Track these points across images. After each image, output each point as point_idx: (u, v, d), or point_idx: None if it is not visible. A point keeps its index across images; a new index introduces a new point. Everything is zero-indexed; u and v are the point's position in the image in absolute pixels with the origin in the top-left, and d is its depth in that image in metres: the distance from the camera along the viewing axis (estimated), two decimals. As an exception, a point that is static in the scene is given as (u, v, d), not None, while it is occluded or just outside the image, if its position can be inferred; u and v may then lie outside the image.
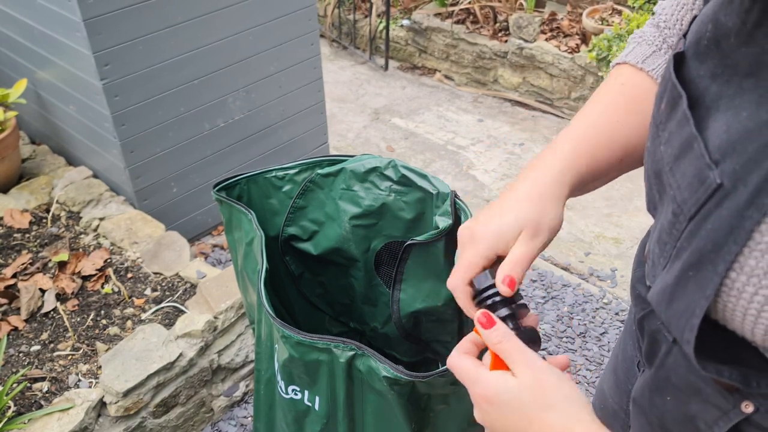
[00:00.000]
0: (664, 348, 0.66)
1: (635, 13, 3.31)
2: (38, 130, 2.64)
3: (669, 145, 0.54)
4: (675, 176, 0.53)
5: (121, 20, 1.96)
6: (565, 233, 2.71)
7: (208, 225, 2.57)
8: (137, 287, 1.95)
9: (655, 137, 0.57)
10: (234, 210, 1.01)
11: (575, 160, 0.69)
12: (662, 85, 0.57)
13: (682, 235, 0.52)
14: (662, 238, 0.57)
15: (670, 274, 0.54)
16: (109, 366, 1.65)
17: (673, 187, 0.53)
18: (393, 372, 0.77)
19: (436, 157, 3.22)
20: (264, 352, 0.98)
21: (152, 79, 2.11)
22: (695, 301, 0.50)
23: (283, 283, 1.18)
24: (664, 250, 0.57)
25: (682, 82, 0.53)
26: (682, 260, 0.52)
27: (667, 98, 0.55)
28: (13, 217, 2.16)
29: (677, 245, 0.53)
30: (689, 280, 0.51)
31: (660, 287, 0.57)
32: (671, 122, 0.54)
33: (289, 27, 2.44)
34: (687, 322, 0.52)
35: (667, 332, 0.66)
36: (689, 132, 0.50)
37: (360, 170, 1.04)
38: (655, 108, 0.58)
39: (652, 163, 0.58)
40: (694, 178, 0.50)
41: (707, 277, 0.49)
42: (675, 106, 0.53)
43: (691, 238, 0.51)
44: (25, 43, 2.28)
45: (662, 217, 0.57)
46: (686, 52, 0.54)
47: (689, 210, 0.51)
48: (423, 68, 4.06)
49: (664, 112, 0.55)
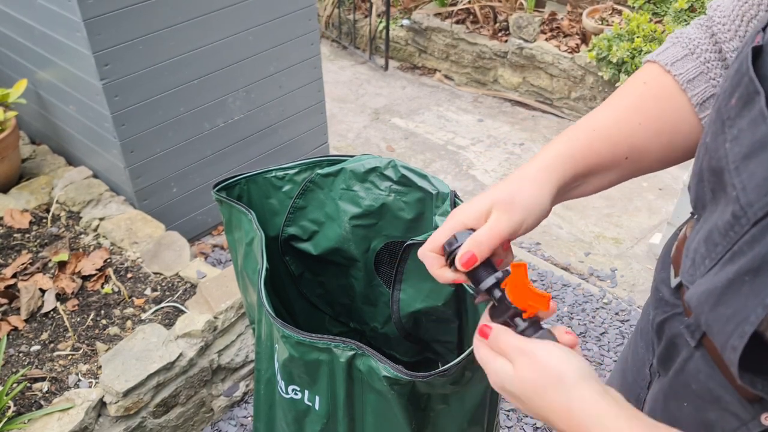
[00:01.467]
0: (684, 353, 0.65)
1: (635, 13, 3.31)
2: (38, 130, 2.64)
3: (737, 143, 0.51)
4: (741, 176, 0.50)
5: (121, 20, 1.96)
6: (564, 233, 2.71)
7: (208, 225, 2.57)
8: (137, 287, 1.95)
9: (719, 133, 0.54)
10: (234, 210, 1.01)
11: (568, 150, 0.68)
12: (733, 78, 0.53)
13: (741, 239, 0.50)
14: (713, 239, 0.54)
15: (720, 276, 0.52)
16: (109, 366, 1.65)
17: (737, 187, 0.50)
18: (393, 372, 0.77)
19: (436, 157, 3.22)
20: (264, 351, 0.98)
21: (152, 79, 2.11)
22: (750, 307, 0.48)
23: (283, 283, 1.18)
24: (713, 251, 0.54)
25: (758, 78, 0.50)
26: (738, 264, 0.50)
27: (740, 93, 0.51)
28: (13, 217, 2.16)
29: (733, 248, 0.51)
30: (744, 285, 0.49)
31: (705, 289, 0.54)
32: (742, 119, 0.51)
33: (289, 27, 2.44)
34: (736, 328, 0.49)
35: (689, 337, 0.64)
36: (765, 131, 0.48)
37: (360, 170, 1.04)
38: (723, 102, 0.55)
39: (711, 159, 0.55)
40: (765, 180, 0.47)
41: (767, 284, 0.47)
42: (749, 103, 0.50)
43: (753, 243, 0.48)
44: (25, 43, 2.28)
45: (716, 217, 0.55)
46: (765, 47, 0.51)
47: (755, 214, 0.48)
48: (423, 68, 4.06)
49: (734, 108, 0.52)
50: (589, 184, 0.71)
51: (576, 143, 0.69)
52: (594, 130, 0.70)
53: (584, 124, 0.71)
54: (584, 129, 0.70)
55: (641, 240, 2.67)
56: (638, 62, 3.05)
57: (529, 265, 2.48)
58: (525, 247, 2.62)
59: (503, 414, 1.94)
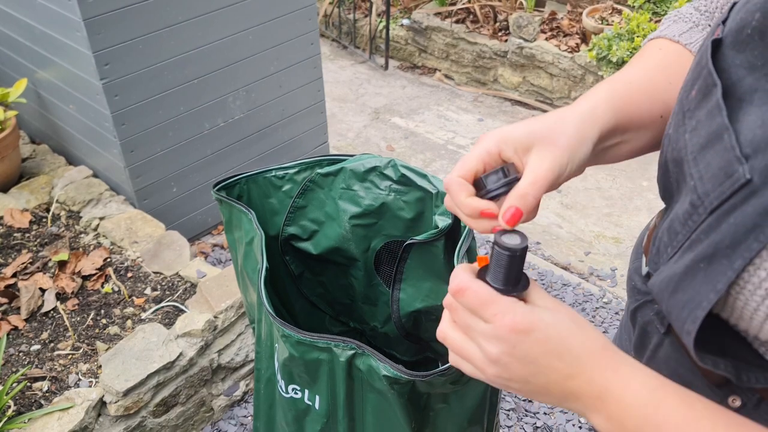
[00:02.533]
0: (655, 340, 0.66)
1: (635, 12, 3.31)
2: (38, 130, 2.64)
3: (695, 133, 0.52)
4: (698, 166, 0.51)
5: (121, 20, 1.96)
6: (564, 232, 2.71)
7: (208, 224, 2.57)
8: (137, 287, 1.95)
9: (680, 124, 0.55)
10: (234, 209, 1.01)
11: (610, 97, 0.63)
12: (694, 71, 0.54)
13: (698, 227, 0.51)
14: (674, 228, 0.56)
15: (679, 264, 0.53)
16: (109, 365, 1.65)
17: (695, 177, 0.51)
18: (393, 371, 0.77)
19: (436, 157, 3.22)
20: (264, 351, 0.98)
21: (152, 79, 2.11)
22: (703, 293, 0.50)
23: (283, 282, 1.18)
24: (674, 240, 0.56)
25: (717, 71, 0.51)
26: (695, 252, 0.51)
27: (699, 86, 0.52)
28: (13, 216, 2.16)
29: (692, 236, 0.52)
30: (699, 272, 0.50)
31: (665, 276, 0.56)
32: (701, 111, 0.52)
33: (289, 26, 2.44)
34: (690, 314, 0.51)
35: (659, 324, 0.65)
36: (720, 122, 0.49)
37: (360, 170, 1.04)
38: (684, 94, 0.56)
39: (673, 150, 0.56)
40: (719, 170, 0.48)
41: (720, 271, 0.48)
42: (707, 95, 0.51)
43: (709, 231, 0.49)
44: (25, 43, 2.28)
45: (677, 207, 0.56)
46: (724, 40, 0.52)
47: (711, 203, 0.49)
48: (423, 68, 4.06)
49: (693, 99, 0.53)
50: (626, 144, 0.66)
51: (616, 93, 0.64)
52: (631, 83, 0.65)
53: (620, 77, 0.66)
54: (622, 81, 0.66)
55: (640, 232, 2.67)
56: (638, 62, 3.05)
57: (529, 265, 2.48)
58: (525, 246, 2.62)
59: (503, 414, 1.94)
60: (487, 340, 0.53)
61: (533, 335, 0.52)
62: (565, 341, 0.52)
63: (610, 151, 0.65)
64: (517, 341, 0.52)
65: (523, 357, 0.52)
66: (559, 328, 0.52)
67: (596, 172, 3.05)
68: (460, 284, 0.54)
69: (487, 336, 0.53)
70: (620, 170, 3.06)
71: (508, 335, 0.52)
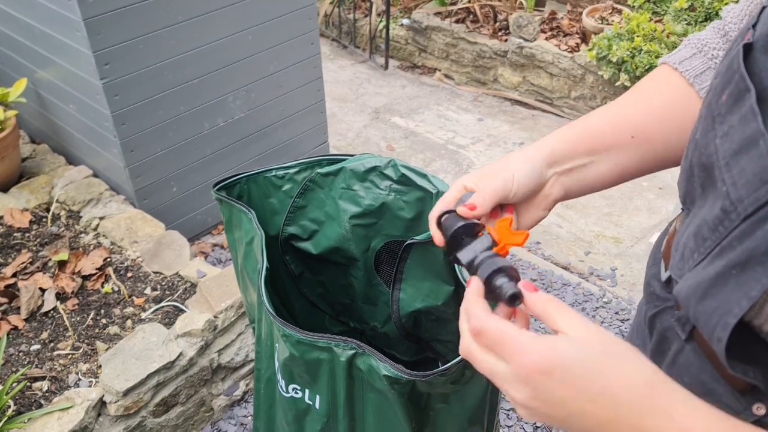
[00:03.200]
0: (675, 346, 0.65)
1: (635, 12, 3.31)
2: (38, 129, 2.63)
3: (727, 139, 0.51)
4: (731, 172, 0.50)
5: (121, 19, 1.96)
6: (565, 232, 2.71)
7: (208, 224, 2.57)
8: (137, 286, 1.95)
9: (709, 129, 0.55)
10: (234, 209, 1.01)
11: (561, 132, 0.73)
12: (724, 75, 0.54)
13: (730, 234, 0.50)
14: (702, 233, 0.55)
15: (708, 270, 0.52)
16: (109, 365, 1.65)
17: (727, 183, 0.50)
18: (393, 371, 0.77)
19: (436, 157, 3.22)
20: (264, 351, 0.98)
21: (152, 79, 2.11)
22: (734, 300, 0.49)
23: (283, 282, 1.18)
24: (702, 246, 0.55)
25: (749, 75, 0.50)
26: (726, 258, 0.50)
27: (730, 90, 0.52)
28: (13, 216, 2.16)
29: (722, 243, 0.51)
30: (731, 278, 0.49)
31: (693, 282, 0.55)
32: (733, 116, 0.51)
33: (289, 26, 2.44)
34: (721, 320, 0.50)
35: (680, 330, 0.64)
36: (755, 128, 0.48)
37: (360, 170, 1.04)
38: (714, 98, 0.55)
39: (701, 155, 0.56)
40: (755, 176, 0.47)
41: (754, 277, 0.47)
42: (740, 100, 0.50)
43: (743, 238, 0.49)
44: (25, 43, 2.28)
45: (705, 212, 0.55)
46: (755, 44, 0.51)
47: (745, 209, 0.48)
48: (423, 67, 4.06)
49: (724, 104, 0.52)
50: (600, 164, 0.73)
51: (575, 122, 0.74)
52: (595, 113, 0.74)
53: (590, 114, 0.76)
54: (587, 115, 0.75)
55: (641, 239, 2.67)
56: (638, 61, 3.05)
57: (529, 264, 2.48)
58: (525, 246, 2.62)
59: (503, 413, 1.94)
60: (510, 385, 0.50)
61: (555, 376, 0.47)
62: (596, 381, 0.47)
63: (585, 171, 0.72)
64: (539, 384, 0.48)
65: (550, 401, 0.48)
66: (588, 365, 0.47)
67: (596, 172, 3.04)
68: (476, 325, 0.53)
69: (509, 380, 0.50)
70: (620, 170, 3.06)
71: (529, 377, 0.48)
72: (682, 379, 0.63)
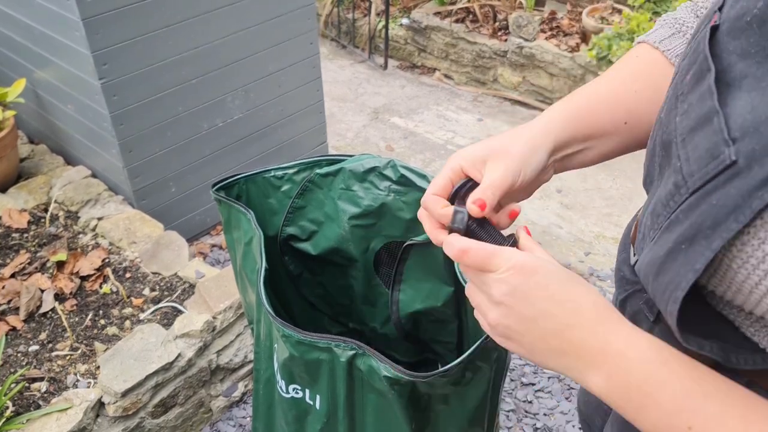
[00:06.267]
0: (644, 327, 0.66)
1: (635, 12, 3.31)
2: (37, 130, 2.63)
3: (686, 116, 0.53)
4: (686, 148, 0.52)
5: (119, 19, 1.95)
6: (564, 233, 2.70)
7: (206, 225, 2.57)
8: (136, 287, 1.95)
9: (672, 108, 0.56)
10: (233, 209, 1.01)
11: (565, 111, 0.70)
12: (690, 57, 0.55)
13: (679, 207, 0.52)
14: (656, 210, 0.56)
15: (661, 246, 0.54)
16: (108, 366, 1.65)
17: (681, 158, 0.52)
18: (393, 372, 0.76)
19: (435, 157, 3.22)
20: (263, 351, 0.98)
21: (151, 79, 2.11)
22: (682, 274, 0.50)
23: (282, 283, 1.17)
24: (656, 222, 0.56)
25: (712, 56, 0.52)
26: (676, 233, 0.52)
27: (694, 71, 0.53)
28: (12, 216, 2.16)
29: (671, 217, 0.53)
30: (680, 253, 0.51)
31: (649, 259, 0.56)
32: (693, 94, 0.53)
33: (288, 26, 2.43)
34: (671, 295, 0.52)
35: (648, 312, 0.66)
36: (710, 106, 0.49)
37: (359, 170, 1.03)
38: (679, 78, 0.57)
39: (663, 133, 0.57)
40: (706, 152, 0.49)
41: (699, 251, 0.49)
42: (701, 79, 0.52)
43: (689, 212, 0.50)
44: (23, 43, 2.27)
45: (660, 190, 0.57)
46: (720, 26, 0.53)
47: (694, 183, 0.50)
48: (422, 67, 4.06)
49: (688, 84, 0.54)
50: (591, 150, 0.73)
51: (573, 105, 0.71)
52: (591, 94, 0.73)
53: (582, 91, 0.74)
54: (581, 94, 0.73)
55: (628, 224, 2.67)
56: (638, 61, 3.05)
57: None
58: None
59: (503, 414, 1.93)
60: (492, 285, 0.56)
61: (535, 278, 0.54)
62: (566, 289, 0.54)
63: (576, 157, 0.72)
64: (519, 282, 0.54)
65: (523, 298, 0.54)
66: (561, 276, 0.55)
67: (596, 173, 3.04)
68: (461, 246, 0.58)
69: (492, 282, 0.56)
70: (620, 170, 3.06)
71: (511, 277, 0.55)
72: None
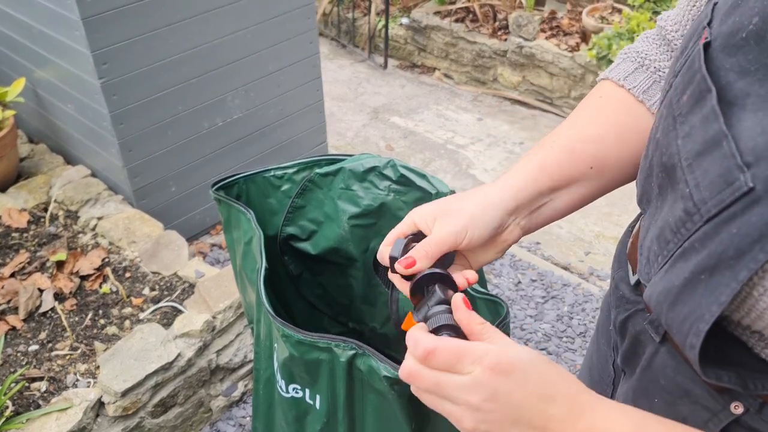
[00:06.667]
0: (650, 349, 0.65)
1: (635, 11, 3.31)
2: (36, 129, 2.63)
3: (690, 139, 0.51)
4: (694, 173, 0.50)
5: (119, 19, 1.95)
6: (565, 232, 2.70)
7: (206, 224, 2.57)
8: (135, 287, 1.95)
9: (670, 129, 0.54)
10: (233, 209, 1.01)
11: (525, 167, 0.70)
12: (686, 74, 0.53)
13: (692, 235, 0.50)
14: (664, 236, 0.54)
15: (676, 275, 0.52)
16: (108, 366, 1.65)
17: (690, 184, 0.50)
18: (393, 372, 0.76)
19: (435, 156, 3.22)
20: (263, 351, 0.98)
21: (151, 78, 2.11)
22: (704, 306, 0.48)
23: (282, 282, 1.17)
24: (665, 248, 0.54)
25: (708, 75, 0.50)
26: (693, 262, 0.49)
27: (691, 90, 0.51)
28: (11, 216, 2.16)
29: (684, 245, 0.51)
30: (699, 283, 0.49)
31: (662, 288, 0.54)
32: (694, 116, 0.51)
33: (288, 25, 2.43)
34: (692, 327, 0.50)
35: (654, 333, 0.64)
36: (717, 129, 0.47)
37: (359, 170, 1.03)
38: (674, 97, 0.55)
39: (662, 155, 0.55)
40: (718, 177, 0.47)
41: (723, 282, 0.47)
42: (701, 100, 0.50)
43: (706, 240, 0.48)
44: (23, 42, 2.27)
45: (666, 214, 0.55)
46: (712, 43, 0.51)
47: (708, 211, 0.48)
48: (422, 67, 4.06)
49: (685, 104, 0.52)
50: (558, 200, 0.72)
51: (534, 160, 0.70)
52: (553, 143, 0.71)
53: (544, 141, 0.73)
54: (543, 145, 0.72)
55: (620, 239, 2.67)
56: (638, 61, 3.05)
57: (528, 265, 2.48)
58: (525, 246, 2.61)
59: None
60: (465, 391, 0.52)
61: (513, 376, 0.51)
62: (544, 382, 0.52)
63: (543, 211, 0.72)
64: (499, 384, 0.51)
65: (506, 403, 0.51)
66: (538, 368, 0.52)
67: (596, 172, 3.04)
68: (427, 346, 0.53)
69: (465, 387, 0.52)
70: (620, 170, 3.06)
71: (489, 379, 0.51)
72: (659, 381, 0.63)
